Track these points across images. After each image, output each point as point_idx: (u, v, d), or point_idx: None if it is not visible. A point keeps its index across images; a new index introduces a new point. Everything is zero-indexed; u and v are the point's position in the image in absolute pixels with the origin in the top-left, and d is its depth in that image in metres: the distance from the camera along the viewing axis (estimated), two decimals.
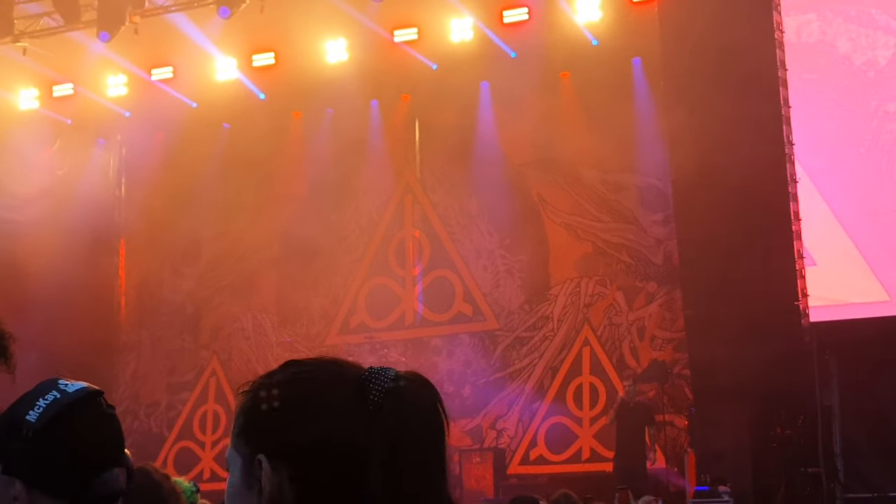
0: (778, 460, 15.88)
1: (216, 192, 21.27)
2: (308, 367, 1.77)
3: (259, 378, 1.80)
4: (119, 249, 23.02)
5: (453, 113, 20.40)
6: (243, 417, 1.76)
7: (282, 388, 1.74)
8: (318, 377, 1.75)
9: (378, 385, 1.71)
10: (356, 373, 1.75)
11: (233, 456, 1.77)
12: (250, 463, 1.71)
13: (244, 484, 1.72)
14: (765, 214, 15.63)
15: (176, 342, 22.45)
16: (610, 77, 18.82)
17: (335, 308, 21.18)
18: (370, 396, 1.70)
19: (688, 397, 17.66)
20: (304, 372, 1.76)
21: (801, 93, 16.31)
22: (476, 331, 20.18)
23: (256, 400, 1.75)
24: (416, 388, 1.73)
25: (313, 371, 1.76)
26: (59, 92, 20.81)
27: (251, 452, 1.72)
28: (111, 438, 2.60)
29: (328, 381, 1.74)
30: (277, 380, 1.76)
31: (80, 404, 2.50)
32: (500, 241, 20.21)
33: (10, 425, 2.45)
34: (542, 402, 19.39)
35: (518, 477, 18.50)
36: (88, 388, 2.54)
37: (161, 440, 21.87)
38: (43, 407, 2.44)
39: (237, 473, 1.75)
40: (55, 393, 2.47)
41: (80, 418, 2.48)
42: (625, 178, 19.37)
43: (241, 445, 1.75)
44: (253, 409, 1.75)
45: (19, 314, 12.98)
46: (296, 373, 1.76)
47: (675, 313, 18.44)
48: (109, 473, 2.55)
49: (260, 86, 20.62)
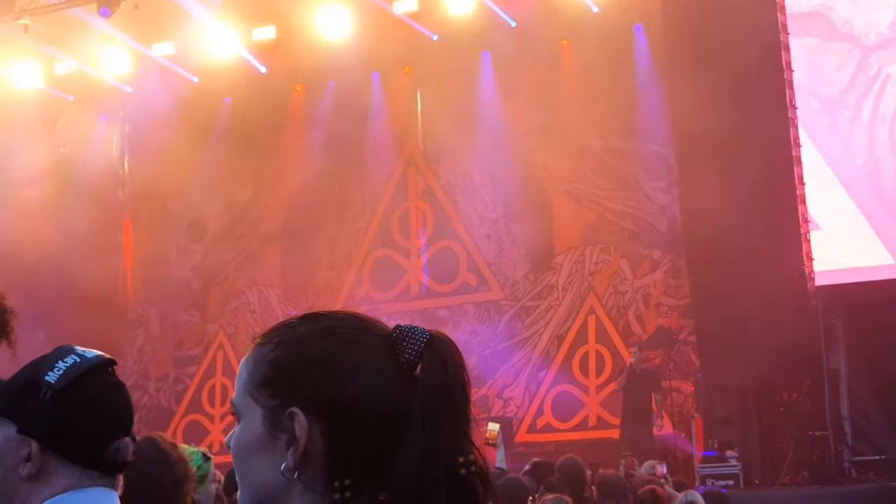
0: (785, 424, 15.93)
1: (219, 167, 21.27)
2: (336, 321, 1.76)
3: (280, 329, 1.78)
4: (124, 226, 23.06)
5: (455, 84, 20.36)
6: (269, 368, 1.73)
7: (313, 342, 1.73)
8: (351, 332, 1.74)
9: (413, 344, 1.71)
10: (383, 329, 1.76)
11: (247, 406, 1.74)
12: (277, 415, 1.70)
13: (268, 435, 1.70)
14: (769, 179, 15.61)
15: (183, 317, 22.52)
16: (611, 44, 18.74)
17: (340, 280, 21.21)
18: (405, 355, 1.70)
19: (694, 363, 17.70)
20: (335, 326, 1.75)
21: (803, 57, 16.27)
22: (481, 301, 20.21)
23: (283, 351, 1.74)
24: (448, 348, 1.73)
25: (343, 325, 1.75)
26: (60, 69, 20.77)
27: (280, 404, 1.70)
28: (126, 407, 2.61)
29: (361, 337, 1.73)
30: (305, 332, 1.75)
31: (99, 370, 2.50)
32: (503, 210, 20.21)
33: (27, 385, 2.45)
34: (548, 371, 19.44)
35: (525, 445, 18.54)
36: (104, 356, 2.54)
37: (170, 414, 21.97)
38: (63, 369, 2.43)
39: (256, 425, 1.72)
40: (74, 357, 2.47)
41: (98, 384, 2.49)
42: (627, 145, 19.35)
43: (265, 397, 1.72)
44: (280, 360, 1.73)
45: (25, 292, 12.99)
46: (327, 327, 1.75)
47: (679, 280, 18.45)
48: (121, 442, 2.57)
49: (261, 60, 20.57)
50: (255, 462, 1.73)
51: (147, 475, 4.38)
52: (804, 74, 16.24)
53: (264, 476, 1.71)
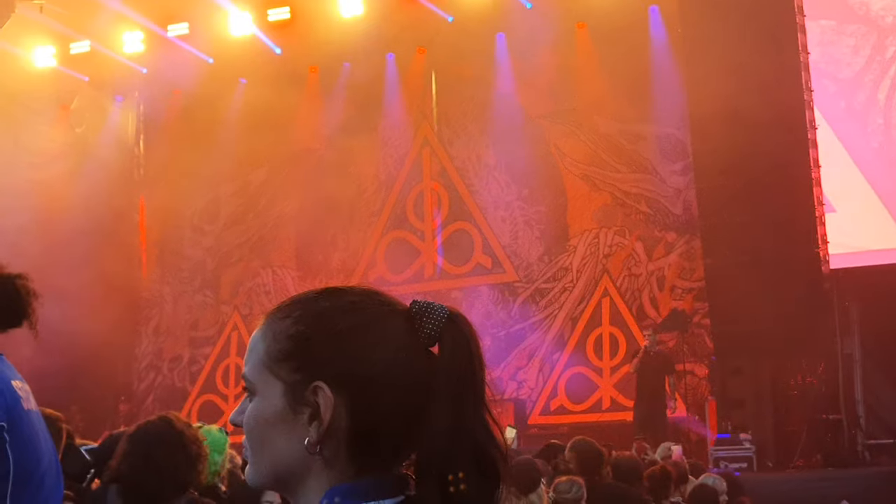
0: (799, 408, 15.94)
1: (234, 148, 21.28)
2: (357, 297, 1.76)
3: (299, 303, 1.78)
4: (139, 206, 23.10)
5: (470, 65, 20.34)
6: (290, 343, 1.72)
7: (338, 316, 1.73)
8: (375, 307, 1.75)
9: (434, 320, 1.73)
10: (401, 305, 1.77)
11: (264, 380, 1.74)
12: (299, 389, 1.69)
13: (289, 410, 1.70)
14: (784, 162, 15.58)
15: (197, 297, 22.58)
16: (627, 26, 18.67)
17: (354, 262, 21.22)
18: (425, 330, 1.72)
19: (708, 346, 17.69)
20: (357, 301, 1.75)
21: (819, 39, 16.21)
22: (495, 283, 20.21)
23: (306, 325, 1.74)
24: (465, 324, 1.75)
25: (365, 301, 1.76)
26: (76, 49, 20.80)
27: (303, 379, 1.70)
28: None
29: (385, 312, 1.74)
30: (327, 306, 1.75)
31: None
32: (518, 192, 20.19)
33: None
34: (562, 353, 19.44)
35: (539, 427, 18.56)
36: None
37: (184, 394, 22.05)
38: None
39: (276, 399, 1.72)
40: None
41: None
42: (643, 127, 19.29)
43: (287, 371, 1.71)
44: (304, 335, 1.73)
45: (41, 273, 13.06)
46: (350, 301, 1.75)
47: (694, 263, 18.42)
48: None
49: (276, 41, 20.56)
50: (274, 437, 1.72)
51: (161, 454, 4.42)
52: (820, 57, 16.18)
53: (284, 451, 1.71)
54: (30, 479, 3.78)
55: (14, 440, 3.73)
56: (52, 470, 3.96)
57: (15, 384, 3.83)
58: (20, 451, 3.75)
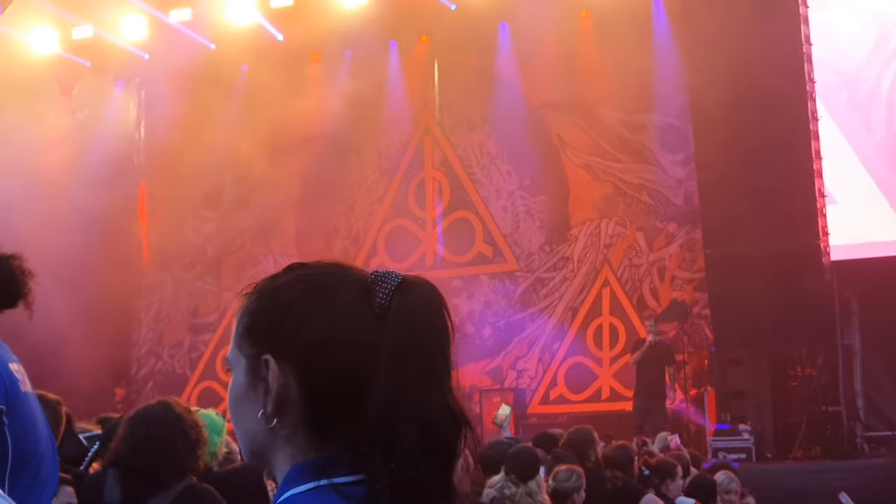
0: (798, 399, 15.94)
1: (236, 135, 21.25)
2: (312, 269, 1.77)
3: (264, 280, 1.79)
4: (140, 192, 23.10)
5: (472, 54, 20.34)
6: (248, 318, 1.75)
7: (287, 289, 1.74)
8: (323, 278, 1.74)
9: (384, 287, 1.70)
10: (361, 275, 1.74)
11: (236, 357, 1.76)
12: (256, 363, 1.70)
13: (249, 385, 1.71)
14: (786, 153, 15.57)
15: (198, 284, 22.58)
16: (630, 16, 18.65)
17: (355, 250, 21.23)
18: (376, 299, 1.69)
19: (708, 337, 17.70)
20: (308, 273, 1.75)
21: (822, 30, 16.18)
22: (496, 272, 20.21)
23: (261, 300, 1.75)
24: (422, 291, 1.71)
25: (318, 272, 1.76)
26: (78, 34, 20.73)
27: (257, 353, 1.71)
28: None
29: (333, 282, 1.73)
30: (282, 281, 1.76)
31: None
32: (519, 182, 20.19)
33: None
34: (561, 343, 19.45)
35: (538, 416, 18.59)
36: None
37: (184, 380, 22.05)
38: None
39: (241, 375, 1.73)
40: None
41: None
42: (644, 118, 19.29)
43: (246, 346, 1.73)
44: (258, 309, 1.75)
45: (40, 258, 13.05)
46: (301, 274, 1.76)
47: (695, 253, 18.43)
48: None
49: (278, 28, 20.54)
50: (244, 412, 1.73)
51: (160, 438, 4.42)
52: (823, 48, 16.15)
53: (252, 426, 1.72)
54: (28, 462, 3.78)
55: (12, 423, 3.74)
56: (48, 452, 3.96)
57: (12, 367, 3.83)
58: (18, 433, 3.75)
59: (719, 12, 15.89)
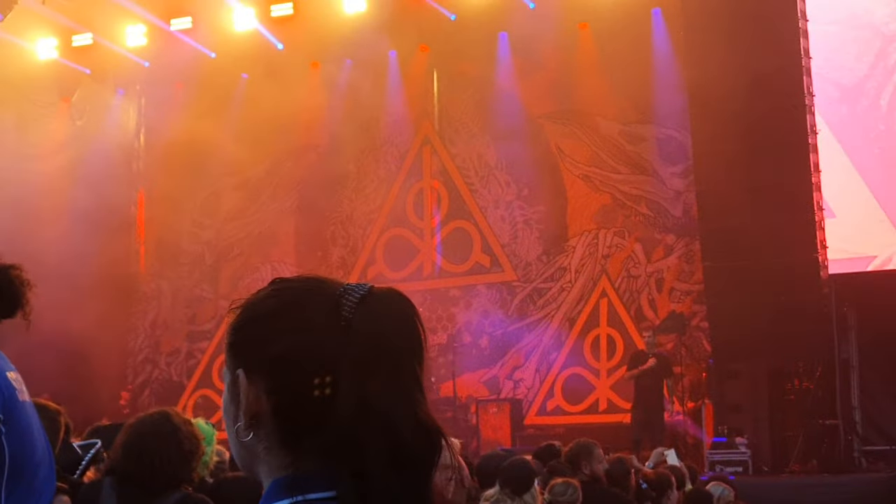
0: (795, 412, 15.92)
1: (235, 143, 21.26)
2: (289, 283, 1.77)
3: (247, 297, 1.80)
4: (138, 200, 23.10)
5: (472, 64, 20.36)
6: (230, 333, 1.76)
7: (260, 304, 1.75)
8: (294, 293, 1.74)
9: (350, 299, 1.69)
10: (335, 289, 1.72)
11: (224, 373, 1.77)
12: (234, 378, 1.72)
13: (231, 400, 1.73)
14: (785, 166, 15.56)
15: (195, 292, 22.57)
16: (629, 28, 18.70)
17: (353, 258, 21.23)
18: (342, 312, 1.68)
19: (706, 349, 17.68)
20: (282, 288, 1.76)
21: (822, 44, 16.19)
22: (494, 282, 20.20)
23: (241, 316, 1.76)
24: (388, 301, 1.70)
25: (292, 287, 1.76)
26: (78, 42, 20.78)
27: (234, 367, 1.72)
28: None
29: (302, 297, 1.73)
30: (259, 296, 1.77)
31: None
32: (518, 192, 20.19)
33: None
34: (559, 353, 19.44)
35: (535, 427, 18.54)
36: None
37: (181, 388, 22.04)
38: None
39: (226, 389, 1.75)
40: None
41: None
42: (643, 129, 19.30)
43: (229, 361, 1.75)
44: (237, 325, 1.75)
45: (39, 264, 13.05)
46: (275, 289, 1.76)
47: (693, 265, 18.42)
48: None
49: (278, 36, 20.57)
50: (230, 425, 1.74)
51: (156, 448, 4.41)
52: (823, 62, 16.16)
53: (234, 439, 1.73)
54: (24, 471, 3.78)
55: (10, 432, 3.73)
56: (45, 461, 3.95)
57: (9, 375, 3.82)
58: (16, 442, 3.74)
59: (719, 24, 15.90)
